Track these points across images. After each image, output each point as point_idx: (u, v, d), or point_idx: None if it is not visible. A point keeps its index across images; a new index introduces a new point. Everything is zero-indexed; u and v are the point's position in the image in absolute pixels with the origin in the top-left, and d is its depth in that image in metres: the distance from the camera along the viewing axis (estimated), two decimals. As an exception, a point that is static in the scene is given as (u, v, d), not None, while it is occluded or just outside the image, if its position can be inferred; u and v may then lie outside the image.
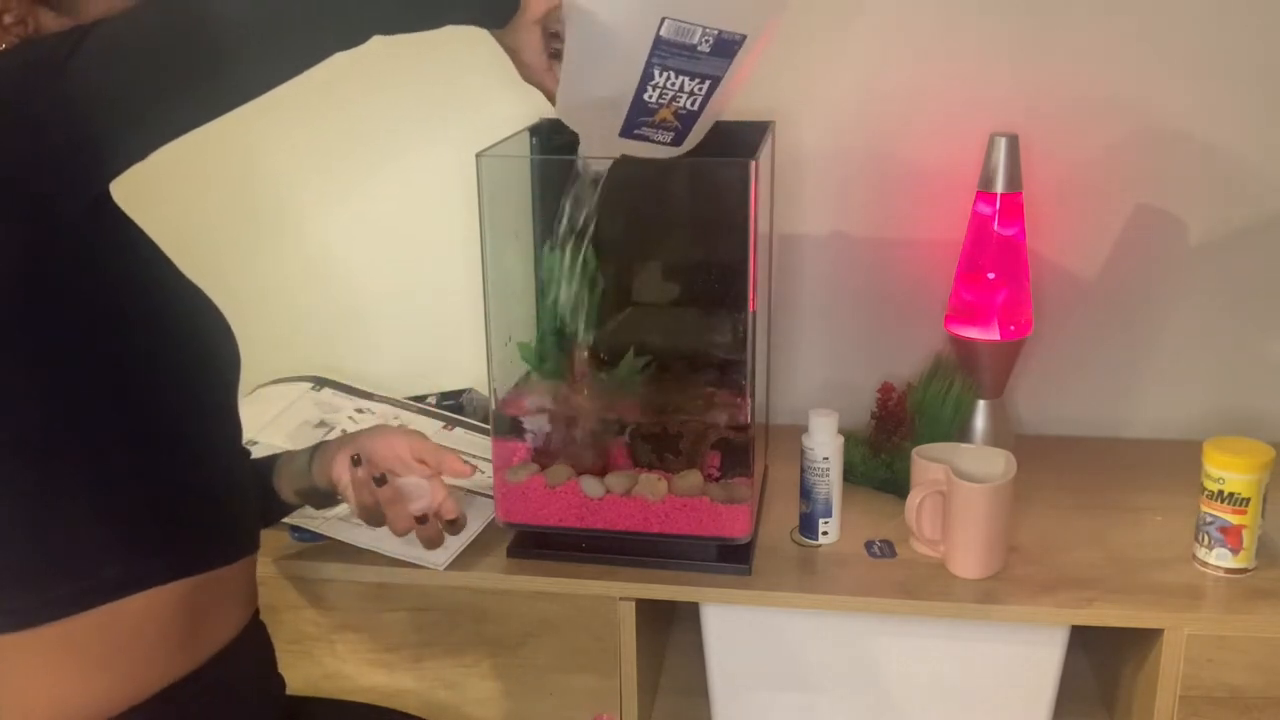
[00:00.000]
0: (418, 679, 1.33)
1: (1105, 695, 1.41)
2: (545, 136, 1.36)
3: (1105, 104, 1.52)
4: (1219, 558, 1.24)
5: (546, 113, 1.18)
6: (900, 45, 1.54)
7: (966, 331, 1.47)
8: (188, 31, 0.85)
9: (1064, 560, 1.29)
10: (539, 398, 1.31)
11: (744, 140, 1.28)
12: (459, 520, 1.14)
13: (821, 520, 1.32)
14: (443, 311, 1.70)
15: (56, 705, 0.94)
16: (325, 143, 1.67)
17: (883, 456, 1.45)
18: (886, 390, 1.47)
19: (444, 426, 1.57)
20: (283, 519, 1.24)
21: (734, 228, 1.19)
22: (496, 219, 1.24)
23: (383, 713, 1.23)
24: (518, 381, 1.33)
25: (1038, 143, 1.51)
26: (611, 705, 1.30)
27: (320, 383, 1.64)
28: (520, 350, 1.30)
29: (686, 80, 1.10)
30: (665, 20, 1.05)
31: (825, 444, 1.30)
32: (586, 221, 1.22)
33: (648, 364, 1.32)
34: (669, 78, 1.09)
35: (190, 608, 0.97)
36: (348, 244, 1.71)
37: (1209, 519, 1.24)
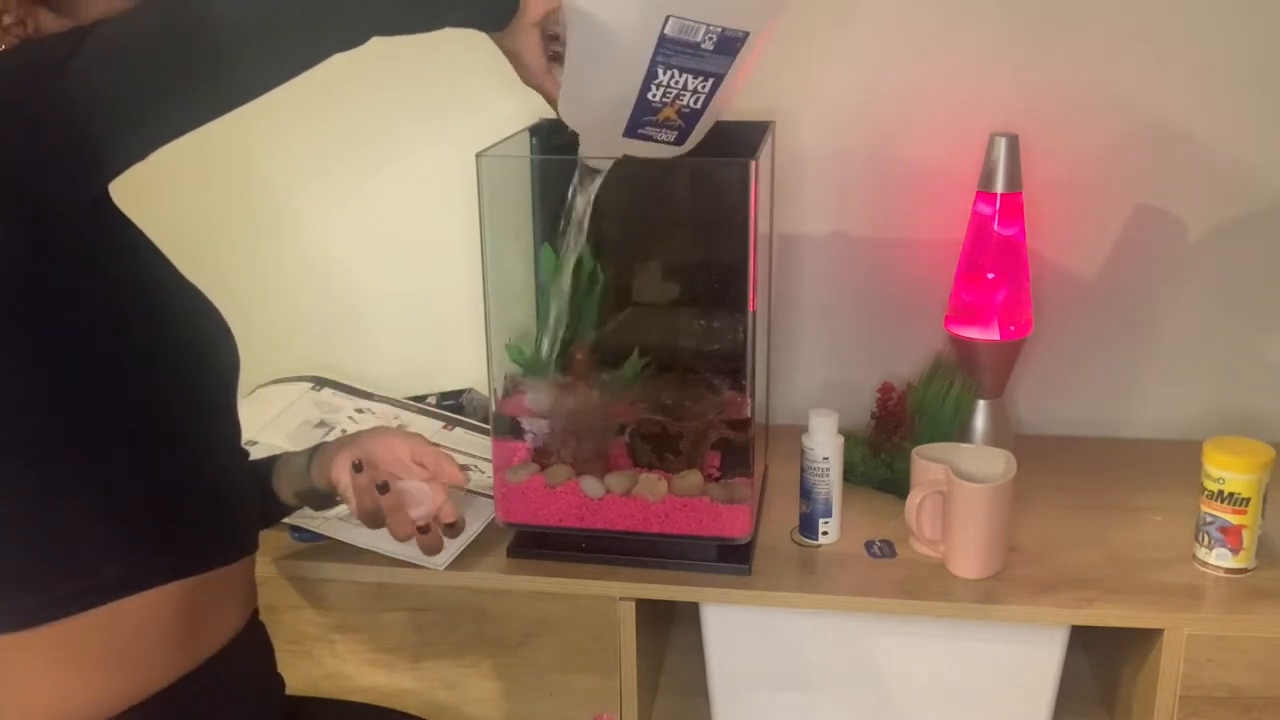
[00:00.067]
0: (418, 679, 1.33)
1: (1105, 695, 1.41)
2: (545, 136, 1.36)
3: (1105, 104, 1.52)
4: (1219, 558, 1.24)
5: (546, 113, 1.18)
6: (900, 45, 1.54)
7: (966, 331, 1.47)
8: (187, 32, 0.85)
9: (1064, 560, 1.29)
10: (539, 398, 1.31)
11: (744, 140, 1.28)
12: (458, 524, 1.14)
13: (821, 520, 1.32)
14: (443, 311, 1.70)
15: (56, 705, 0.94)
16: (325, 143, 1.67)
17: (883, 456, 1.45)
18: (886, 390, 1.47)
19: (444, 426, 1.57)
20: (282, 519, 1.24)
21: (734, 228, 1.19)
22: (496, 219, 1.24)
23: (383, 713, 1.23)
24: (518, 381, 1.33)
25: (1038, 143, 1.51)
26: (611, 705, 1.30)
27: (320, 383, 1.64)
28: (509, 353, 1.30)
29: (690, 78, 1.10)
30: (670, 18, 1.05)
31: (825, 444, 1.30)
32: (588, 221, 1.22)
33: (647, 364, 1.32)
34: (673, 76, 1.09)
35: (190, 608, 0.97)
36: (348, 244, 1.71)
37: (1209, 519, 1.24)
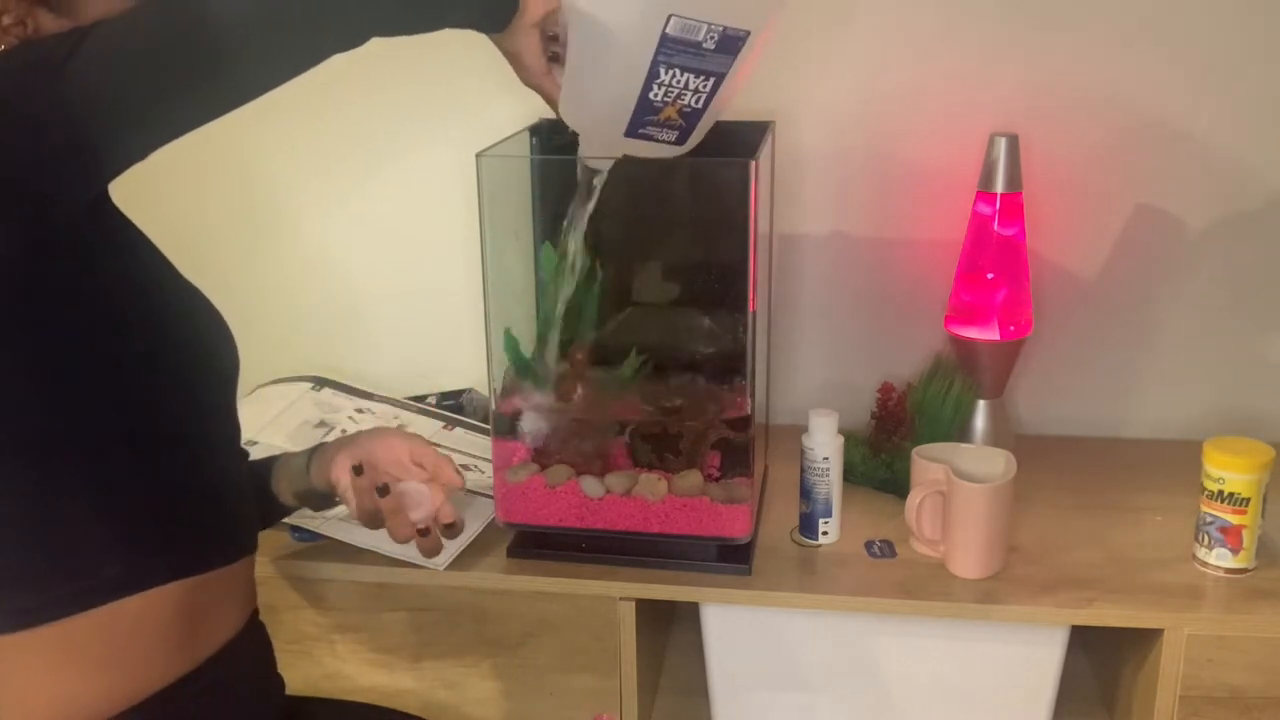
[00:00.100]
0: (418, 679, 1.33)
1: (1105, 695, 1.41)
2: (545, 136, 1.36)
3: (1105, 104, 1.52)
4: (1219, 558, 1.24)
5: (546, 113, 1.18)
6: (900, 45, 1.54)
7: (966, 331, 1.47)
8: (187, 32, 0.85)
9: (1064, 560, 1.29)
10: (540, 398, 1.31)
11: (744, 140, 1.28)
12: (456, 524, 1.14)
13: (821, 520, 1.32)
14: (443, 311, 1.70)
15: (56, 705, 0.94)
16: (325, 143, 1.67)
17: (883, 456, 1.45)
18: (886, 390, 1.47)
19: (444, 426, 1.57)
20: (281, 520, 1.24)
21: (734, 228, 1.19)
22: (496, 219, 1.24)
23: (383, 713, 1.23)
24: (518, 381, 1.33)
25: (1038, 143, 1.51)
26: (611, 705, 1.30)
27: (320, 383, 1.64)
28: (507, 351, 1.29)
29: (691, 78, 1.10)
30: (672, 18, 1.05)
31: (825, 444, 1.30)
32: (589, 221, 1.22)
33: (645, 361, 1.32)
34: (674, 75, 1.09)
35: (189, 608, 0.97)
36: (348, 244, 1.71)
37: (1209, 519, 1.24)
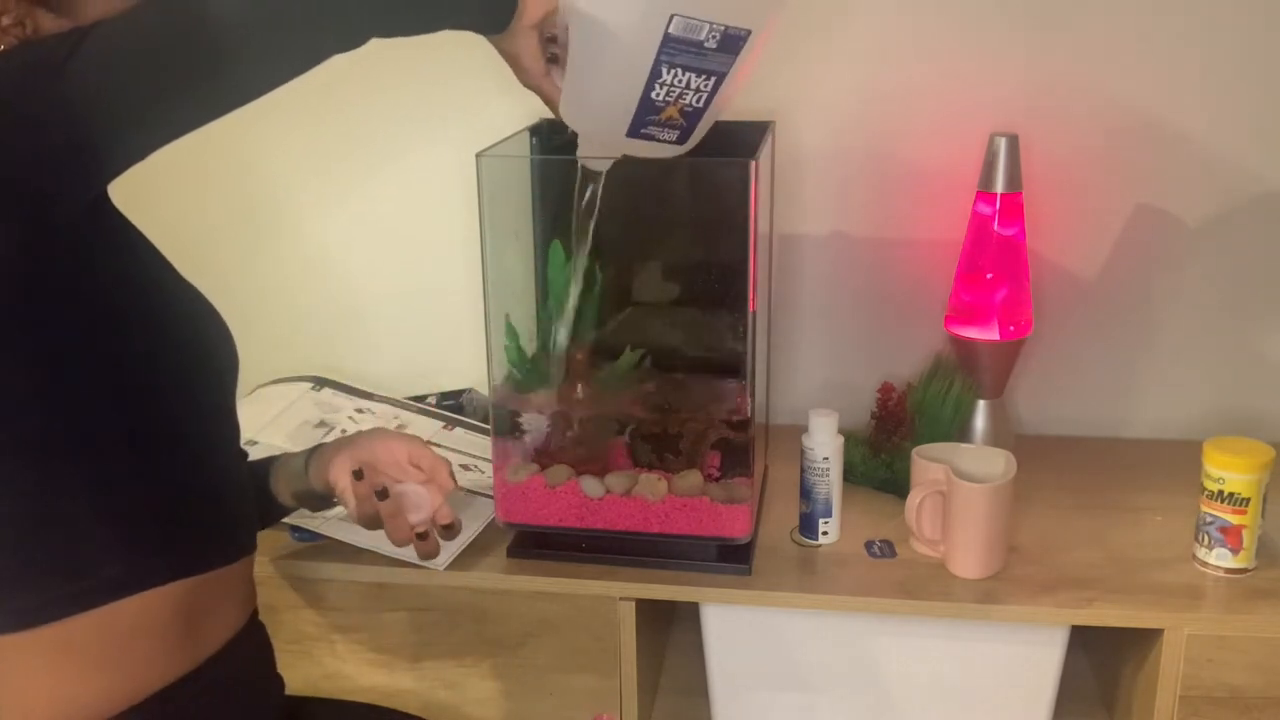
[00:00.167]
0: (418, 679, 1.33)
1: (1105, 695, 1.41)
2: (545, 136, 1.36)
3: (1105, 104, 1.52)
4: (1219, 558, 1.24)
5: (546, 113, 1.18)
6: (900, 45, 1.54)
7: (966, 331, 1.47)
8: (187, 32, 0.85)
9: (1064, 560, 1.29)
10: (540, 398, 1.31)
11: (744, 140, 1.28)
12: (454, 526, 1.14)
13: (821, 520, 1.32)
14: (443, 311, 1.70)
15: (56, 705, 0.94)
16: (325, 143, 1.67)
17: (883, 456, 1.45)
18: (886, 390, 1.47)
19: (444, 426, 1.57)
20: (280, 520, 1.24)
21: (734, 228, 1.19)
22: (496, 219, 1.24)
23: (383, 713, 1.23)
24: (518, 381, 1.33)
25: (1038, 143, 1.51)
26: (611, 705, 1.30)
27: (320, 383, 1.64)
28: (507, 350, 1.29)
29: (693, 77, 1.10)
30: (674, 17, 1.05)
31: (825, 444, 1.30)
32: (590, 221, 1.22)
33: (642, 357, 1.32)
34: (676, 75, 1.09)
35: (189, 608, 0.98)
36: (347, 244, 1.71)
37: (1209, 519, 1.24)
